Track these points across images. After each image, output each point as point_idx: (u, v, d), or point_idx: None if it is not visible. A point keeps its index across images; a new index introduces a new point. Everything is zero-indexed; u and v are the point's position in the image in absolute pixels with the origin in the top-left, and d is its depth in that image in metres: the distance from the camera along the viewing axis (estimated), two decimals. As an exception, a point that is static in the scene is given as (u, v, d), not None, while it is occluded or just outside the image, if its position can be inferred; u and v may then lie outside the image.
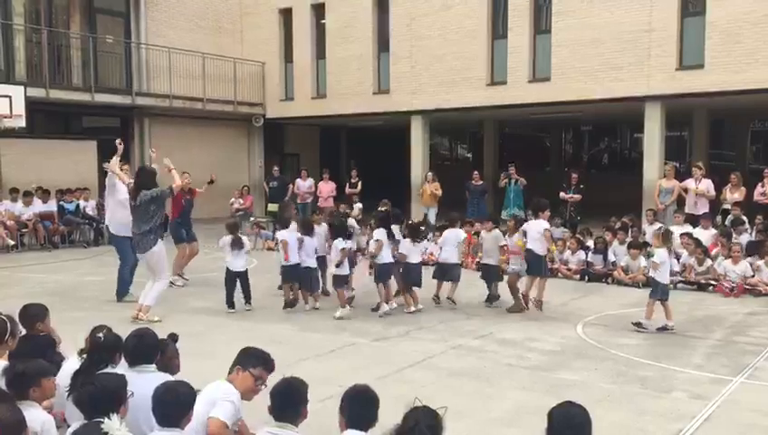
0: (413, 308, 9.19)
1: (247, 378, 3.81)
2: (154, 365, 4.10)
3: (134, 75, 20.07)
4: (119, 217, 9.65)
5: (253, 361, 3.88)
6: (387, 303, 9.08)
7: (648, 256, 8.66)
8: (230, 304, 9.36)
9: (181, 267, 11.61)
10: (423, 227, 10.83)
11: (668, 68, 15.42)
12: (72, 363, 4.16)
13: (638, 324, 8.16)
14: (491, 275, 9.69)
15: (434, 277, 9.72)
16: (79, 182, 17.22)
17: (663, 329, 8.12)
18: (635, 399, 5.83)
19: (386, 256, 9.06)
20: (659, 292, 8.21)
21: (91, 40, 18.86)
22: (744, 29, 14.36)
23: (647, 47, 15.58)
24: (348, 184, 18.89)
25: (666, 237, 8.51)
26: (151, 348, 4.12)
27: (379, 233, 9.10)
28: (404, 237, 9.44)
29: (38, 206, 15.61)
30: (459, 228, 10.18)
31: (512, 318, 8.94)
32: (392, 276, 9.30)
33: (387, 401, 3.45)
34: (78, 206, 16.46)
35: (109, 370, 4.07)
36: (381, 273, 9.12)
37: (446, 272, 9.61)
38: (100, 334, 4.13)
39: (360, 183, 18.60)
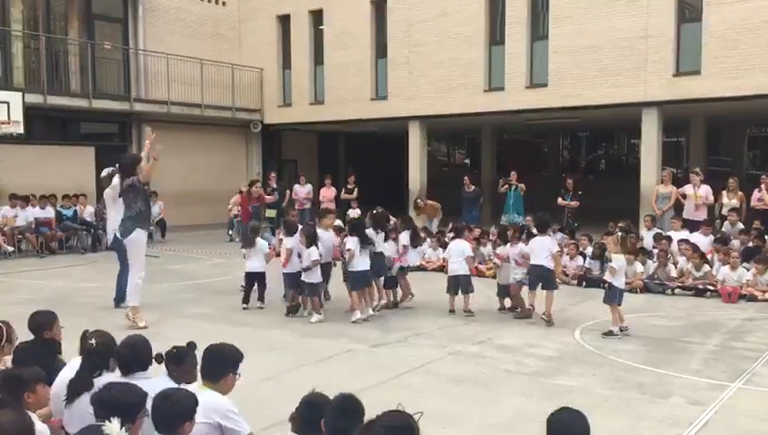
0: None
1: (231, 380, 3.96)
2: (149, 372, 4.09)
3: (132, 81, 20.06)
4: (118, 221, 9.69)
5: (231, 362, 3.96)
6: (361, 309, 9.01)
7: (606, 261, 8.60)
8: (244, 301, 9.80)
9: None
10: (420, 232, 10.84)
11: (665, 74, 15.47)
12: (68, 371, 4.16)
13: (610, 333, 8.15)
14: (502, 292, 9.66)
15: (447, 292, 9.62)
16: (77, 188, 17.23)
17: (610, 334, 8.14)
18: (633, 404, 5.84)
19: (359, 264, 9.03)
20: (617, 297, 8.25)
21: (89, 46, 18.87)
22: (741, 35, 14.41)
23: (644, 53, 15.63)
24: (344, 190, 18.90)
25: (623, 243, 8.54)
26: (145, 355, 4.10)
27: (352, 242, 9.07)
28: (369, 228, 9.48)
29: (36, 212, 15.61)
30: (465, 240, 10.13)
31: (510, 324, 8.93)
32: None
33: (385, 408, 3.44)
34: (75, 211, 16.47)
35: (105, 376, 4.07)
36: (355, 281, 9.09)
37: (458, 285, 9.50)
38: (92, 340, 4.12)
39: (356, 189, 18.58)
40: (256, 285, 9.85)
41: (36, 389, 3.71)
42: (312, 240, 9.12)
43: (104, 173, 10.40)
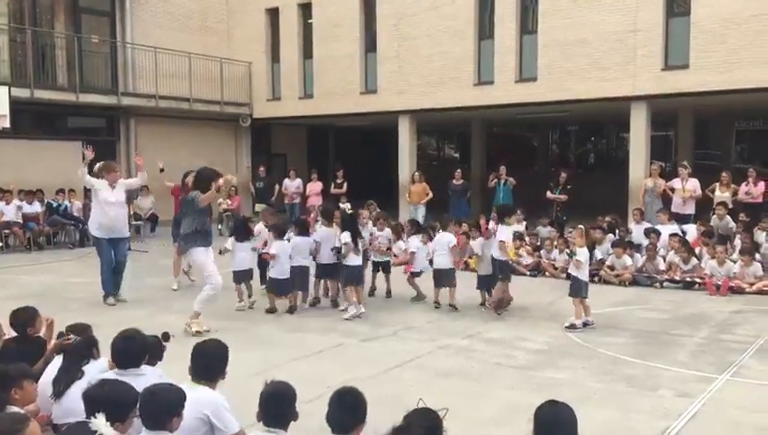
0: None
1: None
2: (144, 367, 4.08)
3: (120, 75, 19.92)
4: (95, 218, 9.67)
5: (224, 362, 3.98)
6: (355, 305, 8.97)
7: (570, 254, 8.62)
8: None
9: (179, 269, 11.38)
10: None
11: (654, 68, 15.51)
12: (54, 367, 4.15)
13: (572, 326, 8.18)
14: (484, 283, 9.64)
15: (436, 286, 9.64)
16: (64, 183, 17.09)
17: (572, 327, 8.17)
18: (622, 397, 5.87)
19: (353, 259, 9.03)
20: (583, 290, 8.30)
21: (76, 39, 18.71)
22: (730, 29, 14.46)
23: (632, 47, 15.67)
24: (333, 184, 18.88)
25: (587, 236, 8.58)
26: (137, 350, 4.08)
27: (346, 236, 9.02)
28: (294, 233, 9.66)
29: (23, 206, 15.48)
30: (450, 232, 10.10)
31: (498, 318, 8.94)
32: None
33: (376, 401, 3.45)
34: (66, 206, 16.38)
35: (93, 364, 4.07)
36: (350, 275, 9.06)
37: (442, 278, 9.47)
38: (72, 336, 4.14)
39: (345, 183, 18.57)
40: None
41: (23, 385, 3.70)
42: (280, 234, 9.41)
43: (96, 168, 10.31)
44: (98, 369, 4.05)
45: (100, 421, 3.02)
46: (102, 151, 18.54)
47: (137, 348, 4.08)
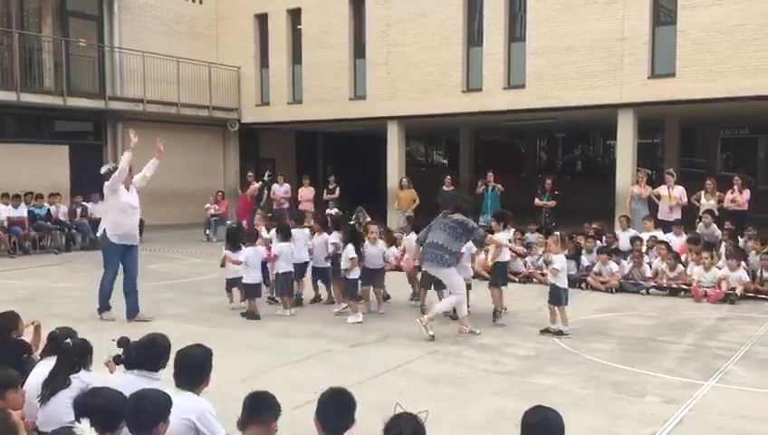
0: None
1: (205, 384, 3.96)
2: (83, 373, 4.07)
3: (107, 79, 19.85)
4: (115, 222, 9.05)
5: (208, 368, 3.95)
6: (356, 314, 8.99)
7: (547, 263, 8.65)
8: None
9: None
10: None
11: (641, 76, 15.64)
12: (41, 370, 4.11)
13: (560, 333, 8.20)
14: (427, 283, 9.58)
15: (420, 286, 9.65)
16: (51, 187, 16.99)
17: (560, 333, 8.19)
18: (609, 403, 5.89)
19: (354, 273, 9.07)
20: (563, 297, 8.32)
21: (64, 43, 18.63)
22: (715, 38, 14.62)
23: (619, 55, 15.79)
24: (326, 190, 18.92)
25: (564, 243, 8.61)
26: (156, 353, 4.10)
27: (351, 250, 9.01)
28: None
29: (8, 211, 15.35)
30: None
31: (487, 324, 8.95)
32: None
33: (364, 407, 3.45)
34: (48, 211, 16.22)
35: (82, 373, 4.04)
36: (352, 285, 9.11)
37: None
38: (69, 340, 4.10)
39: (338, 189, 18.62)
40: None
41: (6, 395, 3.66)
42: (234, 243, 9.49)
43: (104, 169, 10.11)
44: (88, 378, 4.01)
45: (84, 426, 3.00)
46: (89, 156, 18.52)
47: (154, 351, 4.12)
